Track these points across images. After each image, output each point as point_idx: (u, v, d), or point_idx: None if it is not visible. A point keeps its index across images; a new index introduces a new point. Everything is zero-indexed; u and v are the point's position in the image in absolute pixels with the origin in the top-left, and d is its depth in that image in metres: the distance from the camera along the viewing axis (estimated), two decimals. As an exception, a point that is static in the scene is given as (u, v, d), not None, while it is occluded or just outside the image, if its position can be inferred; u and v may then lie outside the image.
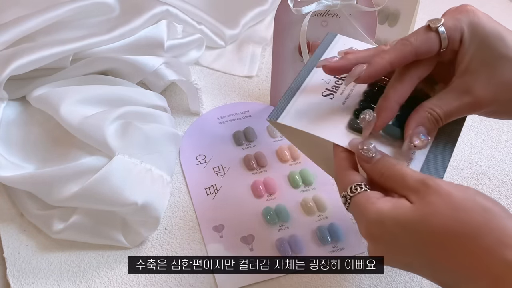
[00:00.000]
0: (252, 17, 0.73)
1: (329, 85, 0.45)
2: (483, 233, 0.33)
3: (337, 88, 0.45)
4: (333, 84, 0.45)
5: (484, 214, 0.33)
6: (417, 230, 0.35)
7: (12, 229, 0.51)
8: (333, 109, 0.44)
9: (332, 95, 0.45)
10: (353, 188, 0.38)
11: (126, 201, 0.47)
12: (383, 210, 0.36)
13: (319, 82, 0.46)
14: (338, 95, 0.45)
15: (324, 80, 0.46)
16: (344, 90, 0.45)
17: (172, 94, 0.64)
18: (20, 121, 0.54)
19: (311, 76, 0.46)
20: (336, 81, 0.46)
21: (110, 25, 0.57)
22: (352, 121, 0.42)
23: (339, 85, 0.45)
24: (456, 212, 0.34)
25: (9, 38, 0.53)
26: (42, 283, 0.48)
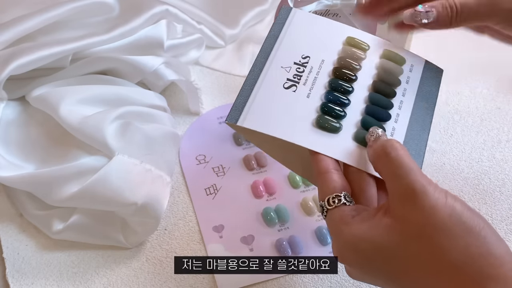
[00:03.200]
0: (252, 16, 0.73)
1: (290, 74, 0.42)
2: (465, 263, 0.31)
3: (299, 76, 0.42)
4: (294, 72, 0.42)
5: (467, 239, 0.31)
6: (394, 256, 0.33)
7: (12, 229, 0.51)
8: (298, 104, 0.41)
9: (294, 86, 0.41)
10: (330, 200, 0.36)
11: (126, 201, 0.47)
12: (358, 233, 0.34)
13: (278, 70, 0.42)
14: (301, 86, 0.41)
15: (284, 68, 0.42)
16: (307, 78, 0.42)
17: (172, 94, 0.64)
18: (20, 121, 0.54)
19: (269, 63, 0.43)
20: (297, 68, 0.42)
21: (109, 25, 0.57)
22: (320, 119, 0.40)
23: (301, 73, 0.42)
24: (436, 236, 0.31)
25: (8, 38, 0.53)
26: (41, 284, 0.48)
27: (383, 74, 0.44)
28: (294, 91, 0.41)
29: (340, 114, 0.41)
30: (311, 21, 0.45)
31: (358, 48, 0.45)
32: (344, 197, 0.36)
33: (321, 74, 0.43)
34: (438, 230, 0.31)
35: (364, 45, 0.45)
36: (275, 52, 0.43)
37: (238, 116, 0.40)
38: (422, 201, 0.32)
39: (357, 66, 0.44)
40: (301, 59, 0.43)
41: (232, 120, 0.40)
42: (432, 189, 0.33)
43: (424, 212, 0.32)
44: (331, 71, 0.43)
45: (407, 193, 0.33)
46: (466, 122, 0.62)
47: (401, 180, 0.33)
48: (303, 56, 0.43)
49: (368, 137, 0.38)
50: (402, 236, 0.33)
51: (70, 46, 0.53)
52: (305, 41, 0.44)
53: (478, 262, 0.31)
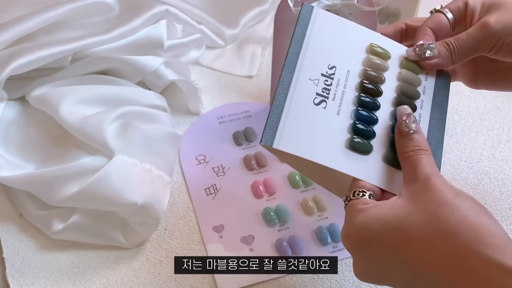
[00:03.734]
0: (252, 16, 0.73)
1: (318, 88, 0.41)
2: (462, 230, 0.32)
3: (328, 90, 0.42)
4: (323, 85, 0.42)
5: (467, 212, 0.33)
6: (397, 227, 0.34)
7: (12, 229, 0.51)
8: (330, 123, 0.41)
9: (324, 102, 0.41)
10: (356, 193, 0.38)
11: (126, 201, 0.47)
12: (369, 215, 0.36)
13: (306, 83, 0.42)
14: (330, 102, 0.41)
15: (312, 81, 0.42)
16: (335, 92, 0.42)
17: (172, 94, 0.64)
18: (20, 121, 0.54)
19: (297, 74, 0.42)
20: (325, 80, 0.42)
21: (109, 25, 0.57)
22: (352, 141, 0.40)
23: (329, 87, 0.42)
24: (438, 208, 0.33)
25: (8, 38, 0.53)
26: (41, 284, 0.48)
27: (405, 88, 0.43)
28: (324, 108, 0.41)
29: (371, 133, 0.41)
30: (334, 24, 0.45)
31: (381, 57, 0.44)
32: (369, 195, 0.38)
33: (348, 87, 0.42)
34: (442, 205, 0.34)
35: (387, 54, 0.44)
36: (301, 62, 0.42)
37: (273, 138, 0.39)
38: (432, 184, 0.35)
39: (382, 79, 0.43)
40: (328, 70, 0.42)
41: (267, 142, 0.39)
42: (442, 178, 0.36)
43: (432, 192, 0.34)
44: (357, 85, 0.43)
45: (419, 179, 0.36)
46: (466, 122, 0.62)
47: (414, 170, 0.37)
48: (330, 66, 0.43)
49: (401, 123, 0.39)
50: (408, 211, 0.35)
51: (70, 46, 0.53)
52: (330, 48, 0.43)
53: (475, 230, 0.32)
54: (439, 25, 0.44)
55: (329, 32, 0.44)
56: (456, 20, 0.44)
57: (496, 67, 0.47)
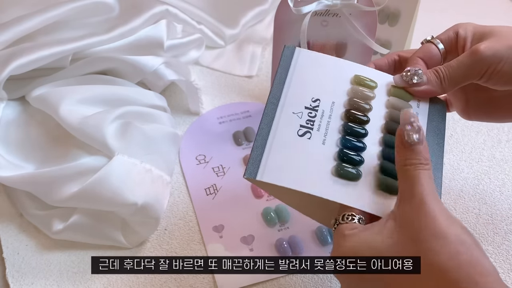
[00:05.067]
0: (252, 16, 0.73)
1: (302, 120, 0.41)
2: (454, 268, 0.31)
3: (312, 122, 0.41)
4: (306, 117, 0.41)
5: (459, 248, 0.32)
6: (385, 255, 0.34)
7: (12, 229, 0.51)
8: (315, 153, 0.40)
9: (309, 133, 0.41)
10: (345, 216, 0.37)
11: (126, 201, 0.47)
12: (358, 240, 0.35)
13: (290, 117, 0.41)
14: (315, 133, 0.41)
15: (295, 114, 0.42)
16: (320, 123, 0.41)
17: (171, 94, 0.64)
18: (20, 121, 0.54)
19: (280, 109, 0.42)
20: (309, 112, 0.42)
21: (109, 25, 0.57)
22: (339, 168, 0.39)
23: (313, 118, 0.42)
24: (430, 239, 0.32)
25: (8, 38, 0.53)
26: (41, 284, 0.48)
27: (394, 114, 0.43)
28: (309, 139, 0.41)
29: (358, 160, 0.40)
30: (316, 61, 0.45)
31: (367, 87, 0.44)
32: (358, 219, 0.37)
33: (333, 117, 0.42)
34: (434, 236, 0.32)
35: (372, 84, 0.44)
36: (284, 98, 0.42)
37: (256, 170, 0.39)
38: (427, 208, 0.33)
39: (368, 107, 0.43)
40: (312, 103, 0.42)
41: (251, 175, 0.39)
42: (438, 201, 0.34)
43: (426, 218, 0.33)
44: (343, 114, 0.42)
45: (414, 199, 0.34)
46: (466, 122, 0.62)
47: (412, 188, 0.35)
48: (313, 99, 0.43)
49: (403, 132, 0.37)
50: (399, 237, 0.34)
51: (70, 46, 0.53)
52: (313, 83, 0.44)
53: (467, 269, 0.31)
54: (430, 55, 0.44)
55: (311, 68, 0.44)
56: (447, 50, 0.44)
57: (488, 96, 0.46)
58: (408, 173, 0.36)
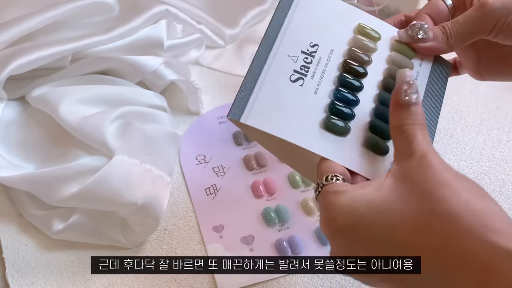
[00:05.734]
0: (252, 16, 0.73)
1: (297, 65, 0.39)
2: (466, 215, 0.29)
3: (307, 68, 0.39)
4: (301, 63, 0.39)
5: (469, 194, 0.30)
6: (389, 209, 0.31)
7: (12, 229, 0.51)
8: (305, 101, 0.38)
9: (302, 79, 0.38)
10: (329, 177, 0.35)
11: (126, 201, 0.47)
12: (353, 197, 0.32)
13: (284, 60, 0.39)
14: (308, 80, 0.38)
15: (290, 58, 0.39)
16: (315, 70, 0.39)
17: (171, 94, 0.63)
18: (20, 121, 0.54)
19: (275, 50, 0.39)
20: (305, 58, 0.39)
21: (109, 25, 0.57)
22: (327, 121, 0.37)
23: (308, 64, 0.39)
24: (438, 188, 0.30)
25: (8, 38, 0.53)
26: (41, 284, 0.48)
27: (393, 70, 0.40)
28: (301, 85, 0.38)
29: (349, 115, 0.38)
30: (322, 2, 0.42)
31: (370, 37, 0.42)
32: (342, 179, 0.34)
33: (329, 66, 0.40)
34: (440, 185, 0.31)
35: (375, 35, 0.42)
36: (281, 38, 0.39)
37: (241, 113, 0.37)
38: (429, 161, 0.32)
39: (367, 60, 0.41)
40: (309, 48, 0.40)
41: (234, 116, 0.36)
42: (440, 157, 0.33)
43: (429, 170, 0.31)
44: (340, 64, 0.40)
45: (414, 155, 0.32)
46: (466, 122, 0.62)
47: (410, 145, 0.33)
48: (311, 44, 0.40)
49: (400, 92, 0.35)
50: (402, 191, 0.31)
51: (70, 46, 0.53)
52: (314, 26, 0.41)
53: (480, 215, 0.29)
54: (437, 11, 0.42)
55: (315, 10, 0.41)
56: (455, 6, 0.42)
57: (500, 54, 0.43)
58: (405, 133, 0.34)
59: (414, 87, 0.35)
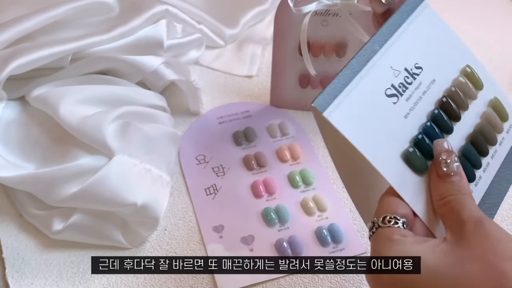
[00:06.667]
0: (252, 16, 0.73)
1: (396, 80, 0.36)
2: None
3: (405, 87, 0.36)
4: (401, 80, 0.36)
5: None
6: (446, 274, 0.29)
7: (11, 230, 0.51)
8: (394, 122, 0.35)
9: (396, 97, 0.36)
10: (386, 219, 0.33)
11: (126, 201, 0.47)
12: (412, 250, 0.31)
13: (386, 70, 0.36)
14: (403, 101, 0.36)
15: (393, 70, 0.36)
16: (412, 93, 0.37)
17: (171, 94, 0.63)
18: (20, 121, 0.54)
19: (381, 54, 0.36)
20: (406, 76, 0.36)
21: (109, 25, 0.57)
22: (410, 154, 0.35)
23: (408, 85, 0.36)
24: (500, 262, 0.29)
25: (8, 38, 0.53)
26: (41, 284, 0.48)
27: (486, 128, 0.39)
28: (394, 103, 0.36)
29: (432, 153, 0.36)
30: (438, 27, 0.40)
31: (474, 84, 0.40)
32: (402, 223, 0.33)
33: (427, 95, 0.37)
34: (502, 258, 0.29)
35: (479, 82, 0.40)
36: (390, 45, 0.37)
37: (327, 104, 0.33)
38: (485, 230, 0.30)
39: (466, 105, 0.39)
40: (414, 68, 0.37)
41: (320, 107, 0.33)
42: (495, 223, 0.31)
43: (487, 240, 0.30)
44: (439, 99, 0.38)
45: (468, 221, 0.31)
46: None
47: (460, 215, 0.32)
48: (417, 65, 0.38)
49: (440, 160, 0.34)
50: (460, 258, 0.30)
51: (70, 46, 0.53)
52: (424, 47, 0.39)
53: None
54: None
55: (429, 32, 0.39)
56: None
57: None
58: (451, 204, 0.32)
59: (453, 156, 0.34)
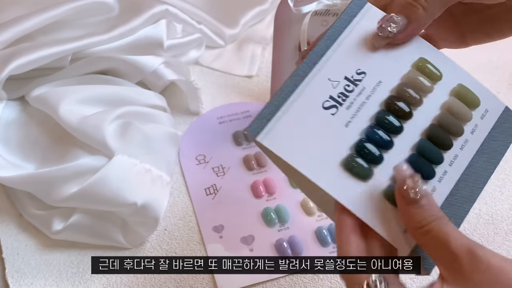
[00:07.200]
0: (252, 16, 0.73)
1: (335, 91, 0.35)
2: None
3: (345, 97, 0.35)
4: (341, 89, 0.35)
5: None
6: None
7: (11, 230, 0.51)
8: (333, 133, 0.34)
9: (335, 108, 0.34)
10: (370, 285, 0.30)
11: (126, 201, 0.47)
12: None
13: (324, 82, 0.35)
14: (343, 110, 0.34)
15: (331, 82, 0.35)
16: (353, 100, 0.35)
17: (171, 94, 0.63)
18: (19, 121, 0.54)
19: (317, 70, 0.35)
20: (346, 85, 0.35)
21: (109, 25, 0.57)
22: (349, 159, 0.33)
23: (348, 93, 0.35)
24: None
25: (8, 38, 0.53)
26: (41, 284, 0.48)
27: (446, 119, 0.36)
28: (333, 114, 0.34)
29: (376, 157, 0.34)
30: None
31: (428, 75, 0.36)
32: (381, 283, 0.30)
33: (372, 99, 0.35)
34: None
35: (435, 73, 0.36)
36: (328, 58, 0.35)
37: (260, 129, 0.33)
38: (487, 261, 0.29)
39: (417, 99, 0.35)
40: (355, 75, 0.35)
41: (252, 132, 0.33)
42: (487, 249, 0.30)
43: (491, 273, 0.29)
44: (384, 99, 0.35)
45: (459, 253, 0.30)
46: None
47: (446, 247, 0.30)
48: (359, 71, 0.35)
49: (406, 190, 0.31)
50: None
51: (69, 46, 0.53)
52: (367, 52, 0.36)
53: None
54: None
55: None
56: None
57: (484, 16, 0.38)
58: (432, 233, 0.30)
59: (417, 179, 0.31)
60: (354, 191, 0.33)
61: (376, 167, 0.34)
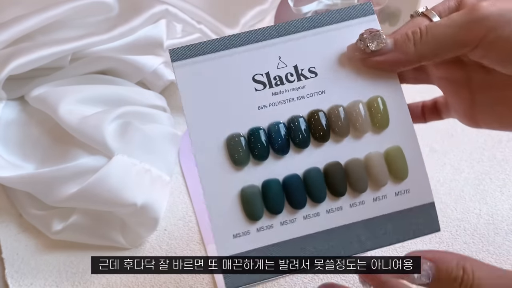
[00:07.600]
0: (252, 16, 0.73)
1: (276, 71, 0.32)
2: None
3: (281, 83, 0.32)
4: (282, 73, 0.32)
5: None
6: None
7: (11, 230, 0.51)
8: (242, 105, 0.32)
9: (263, 85, 0.32)
10: None
11: (125, 201, 0.47)
12: None
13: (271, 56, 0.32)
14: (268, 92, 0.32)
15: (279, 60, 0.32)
16: (286, 91, 0.32)
17: (171, 93, 0.63)
18: (19, 121, 0.54)
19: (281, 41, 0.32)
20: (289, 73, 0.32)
21: (109, 25, 0.57)
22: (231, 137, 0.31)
23: (288, 81, 0.32)
24: None
25: (7, 37, 0.53)
26: (40, 284, 0.48)
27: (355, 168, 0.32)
28: (256, 90, 0.31)
29: (260, 152, 0.31)
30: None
31: (372, 117, 0.32)
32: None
33: (304, 101, 0.32)
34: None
35: (382, 121, 0.32)
36: (304, 36, 0.32)
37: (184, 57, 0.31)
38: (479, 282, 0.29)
39: (343, 132, 0.32)
40: (306, 70, 0.32)
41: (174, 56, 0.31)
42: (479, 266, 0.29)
43: None
44: (312, 110, 0.32)
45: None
46: (466, 122, 0.61)
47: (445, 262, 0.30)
48: (312, 69, 0.32)
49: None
50: None
51: (69, 45, 0.53)
52: (340, 59, 0.33)
53: None
54: None
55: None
56: None
57: (501, 95, 0.34)
58: None
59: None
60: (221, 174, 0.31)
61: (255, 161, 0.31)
